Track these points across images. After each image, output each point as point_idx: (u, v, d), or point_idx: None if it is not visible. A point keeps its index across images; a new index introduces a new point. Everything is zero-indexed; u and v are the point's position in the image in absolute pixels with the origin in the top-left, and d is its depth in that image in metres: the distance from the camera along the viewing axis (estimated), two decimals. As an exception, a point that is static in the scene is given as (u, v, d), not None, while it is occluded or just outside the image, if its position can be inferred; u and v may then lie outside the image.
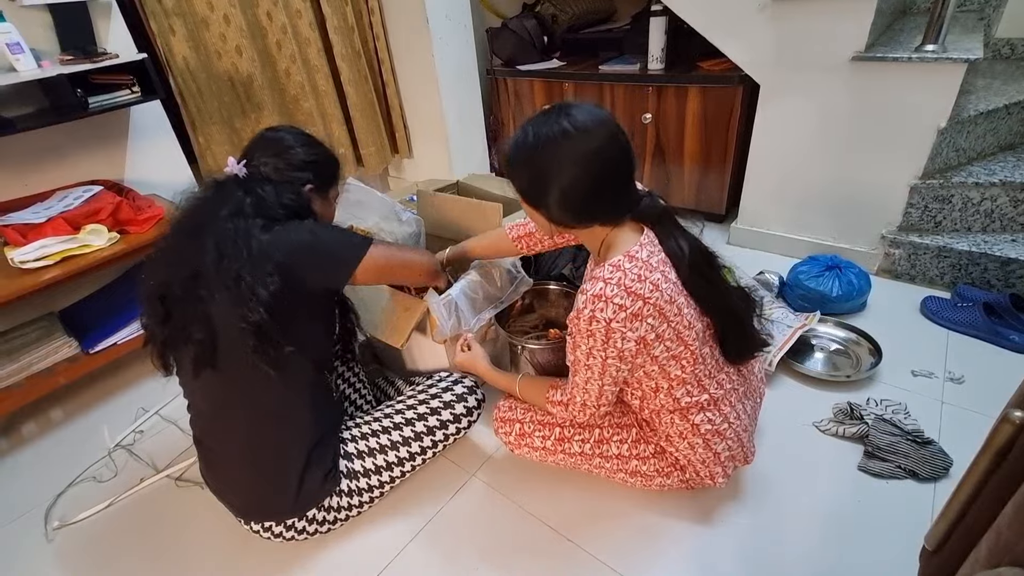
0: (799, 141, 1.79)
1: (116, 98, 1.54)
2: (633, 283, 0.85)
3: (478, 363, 1.20)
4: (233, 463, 1.03)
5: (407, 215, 1.53)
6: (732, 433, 1.01)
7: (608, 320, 0.84)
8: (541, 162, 0.85)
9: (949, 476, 1.13)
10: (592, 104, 0.86)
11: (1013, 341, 1.43)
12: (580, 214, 0.89)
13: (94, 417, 1.57)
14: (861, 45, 1.57)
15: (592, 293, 0.86)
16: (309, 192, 1.04)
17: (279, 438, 1.00)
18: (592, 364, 0.91)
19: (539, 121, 0.85)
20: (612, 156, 0.85)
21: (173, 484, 1.34)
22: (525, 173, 0.89)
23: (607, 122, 0.84)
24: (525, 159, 0.87)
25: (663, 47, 2.08)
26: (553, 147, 0.83)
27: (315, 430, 1.03)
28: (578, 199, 0.86)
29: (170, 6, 1.79)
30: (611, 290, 0.84)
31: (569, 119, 0.82)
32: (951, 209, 1.67)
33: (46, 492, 1.34)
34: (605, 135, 0.83)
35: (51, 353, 1.46)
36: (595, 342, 0.88)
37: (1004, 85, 1.82)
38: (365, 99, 2.39)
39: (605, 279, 0.86)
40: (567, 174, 0.84)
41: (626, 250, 0.88)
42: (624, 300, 0.84)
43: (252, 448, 1.00)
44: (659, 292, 0.86)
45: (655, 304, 0.86)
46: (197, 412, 1.04)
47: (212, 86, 1.96)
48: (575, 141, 0.82)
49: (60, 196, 1.54)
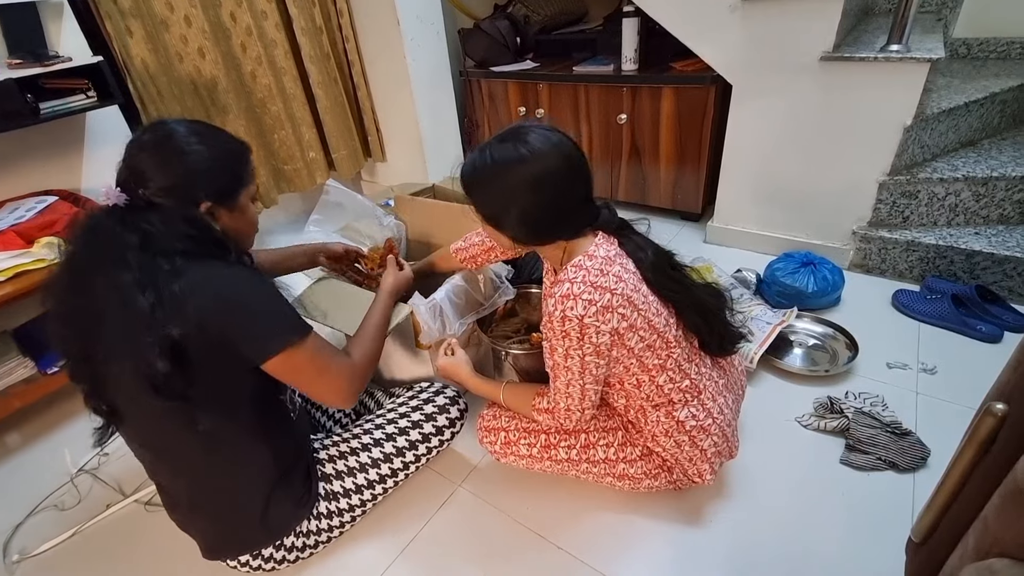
0: (771, 140, 1.82)
1: (70, 103, 1.47)
2: (597, 277, 0.87)
3: (461, 369, 1.17)
4: (187, 506, 0.97)
5: (388, 219, 1.50)
6: (717, 428, 1.02)
7: (580, 316, 0.85)
8: (499, 187, 0.87)
9: (928, 466, 1.15)
10: (548, 126, 0.88)
11: (981, 331, 1.48)
12: (541, 234, 0.92)
13: (54, 440, 1.48)
14: (829, 45, 1.60)
15: (560, 294, 0.87)
16: (208, 210, 0.84)
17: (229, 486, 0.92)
18: (571, 365, 0.91)
19: (495, 146, 0.87)
20: (567, 177, 0.87)
21: (142, 509, 1.27)
22: (484, 198, 0.91)
23: (561, 144, 0.86)
24: (483, 184, 0.90)
25: (636, 48, 2.09)
26: (509, 172, 0.85)
27: (274, 469, 0.94)
28: (537, 220, 0.89)
29: (127, 7, 1.71)
30: (577, 288, 0.86)
31: (524, 144, 0.84)
32: (918, 204, 1.72)
33: (4, 523, 1.26)
34: (558, 157, 0.85)
35: (5, 375, 1.38)
36: (570, 341, 0.88)
37: (963, 83, 1.88)
38: (335, 102, 2.34)
39: (570, 279, 0.88)
40: (524, 199, 0.86)
41: (584, 251, 0.91)
42: (592, 295, 0.86)
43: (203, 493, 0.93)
44: (623, 282, 0.88)
45: (622, 294, 0.88)
46: (139, 457, 0.94)
47: (174, 90, 1.88)
48: (530, 165, 0.84)
49: (11, 208, 1.45)
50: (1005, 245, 1.58)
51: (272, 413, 0.95)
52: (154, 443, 0.90)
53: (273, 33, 2.08)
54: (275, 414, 0.96)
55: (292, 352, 0.83)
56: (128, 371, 0.78)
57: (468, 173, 0.90)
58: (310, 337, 0.86)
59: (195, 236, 0.80)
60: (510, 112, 2.53)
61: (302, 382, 0.88)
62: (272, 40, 2.08)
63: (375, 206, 1.52)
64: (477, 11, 2.72)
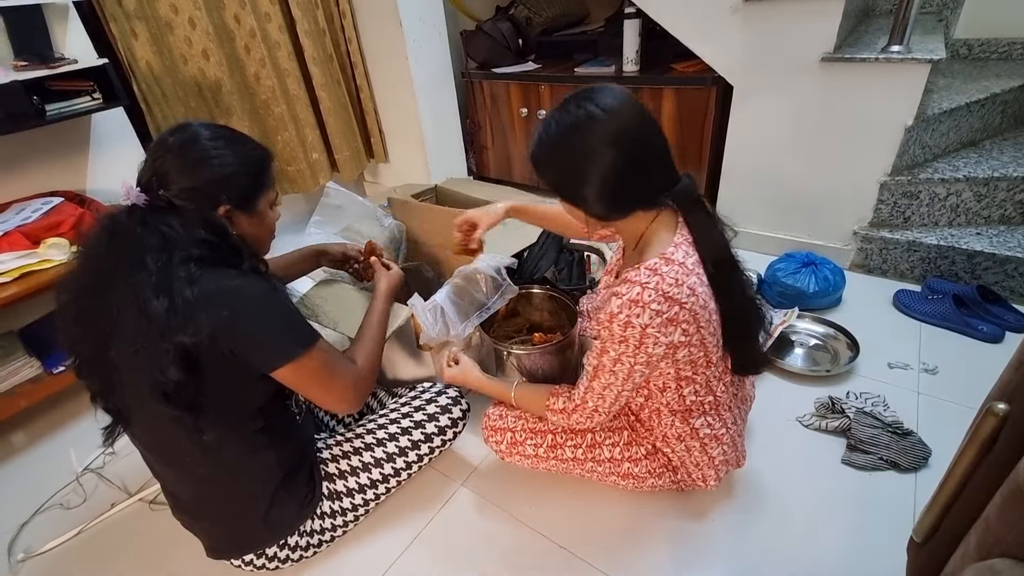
0: (772, 141, 1.82)
1: (76, 105, 1.47)
2: (671, 287, 0.81)
3: (469, 376, 1.15)
4: (192, 507, 0.98)
5: (388, 220, 1.50)
6: (728, 438, 1.02)
7: (644, 326, 0.81)
8: (571, 152, 0.80)
9: (929, 466, 1.16)
10: (607, 85, 0.83)
11: (982, 331, 1.48)
12: (621, 201, 0.84)
13: (60, 440, 1.49)
14: (830, 46, 1.60)
15: (628, 298, 0.82)
16: (225, 214, 0.85)
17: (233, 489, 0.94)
18: (618, 370, 0.87)
19: (561, 111, 0.82)
20: (644, 131, 0.81)
21: (147, 508, 1.28)
22: (555, 167, 0.85)
23: (631, 100, 0.81)
24: (552, 152, 0.83)
25: (637, 49, 2.09)
26: (582, 134, 0.79)
27: (277, 471, 0.96)
28: (618, 184, 0.81)
29: (132, 9, 1.72)
30: (648, 295, 0.81)
31: (593, 102, 0.79)
32: (919, 204, 1.72)
33: (9, 522, 1.27)
34: (633, 112, 0.80)
35: (11, 374, 1.39)
36: (626, 348, 0.84)
37: (964, 84, 1.89)
38: (339, 103, 2.35)
39: (643, 284, 0.81)
40: (603, 160, 0.79)
41: (661, 252, 0.84)
42: (661, 306, 0.81)
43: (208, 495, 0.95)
44: (695, 296, 0.83)
45: (691, 309, 0.83)
46: (145, 459, 0.96)
47: (178, 91, 1.90)
48: (604, 123, 0.78)
49: (17, 209, 1.46)
50: (1006, 245, 1.58)
51: (278, 417, 0.97)
52: (160, 446, 0.92)
53: (276, 35, 2.09)
54: (281, 418, 0.98)
55: (300, 363, 0.84)
56: (139, 377, 0.78)
57: (536, 148, 0.85)
58: (317, 347, 0.86)
59: (212, 242, 0.81)
60: (512, 113, 2.53)
61: (310, 391, 0.89)
62: (275, 42, 2.09)
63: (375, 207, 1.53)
64: (479, 13, 2.73)
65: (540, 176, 0.87)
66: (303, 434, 1.05)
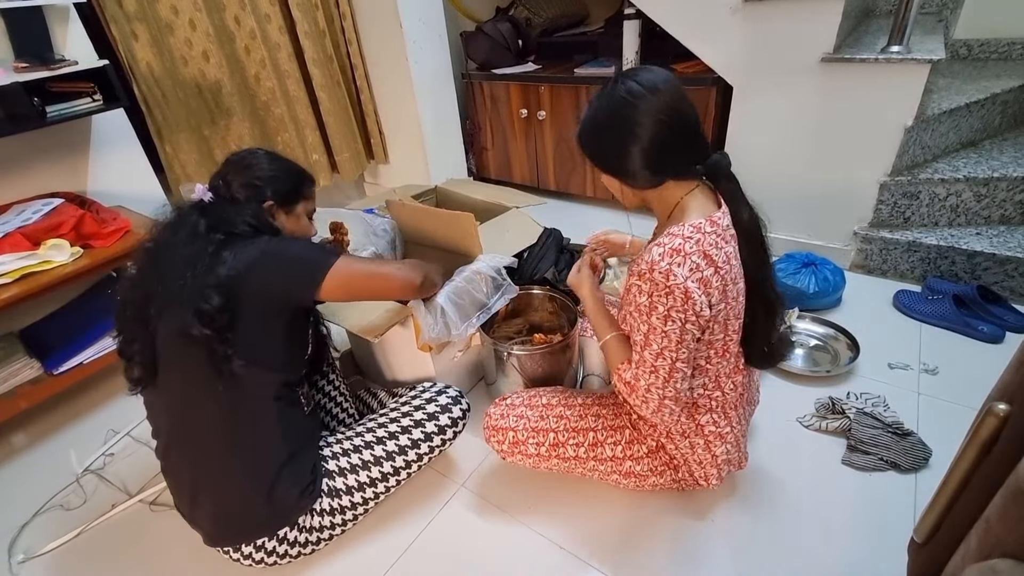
0: (772, 141, 1.83)
1: (76, 107, 1.47)
2: (711, 248, 0.83)
3: (584, 285, 1.10)
4: (197, 482, 1.00)
5: (379, 221, 1.50)
6: (732, 438, 1.02)
7: (685, 278, 0.81)
8: (616, 126, 0.87)
9: (929, 467, 1.15)
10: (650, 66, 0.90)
11: (983, 331, 1.48)
12: (660, 167, 0.88)
13: (60, 441, 1.49)
14: (829, 47, 1.61)
15: (671, 247, 0.82)
16: (270, 208, 1.04)
17: (241, 456, 0.97)
18: (669, 331, 0.83)
19: (605, 93, 0.88)
20: (684, 107, 0.87)
21: (147, 509, 1.28)
22: (600, 141, 0.90)
23: (673, 79, 0.87)
24: (599, 128, 0.89)
25: (637, 50, 2.09)
26: (628, 108, 0.85)
27: (283, 447, 1.00)
28: (657, 152, 0.86)
29: (132, 11, 1.72)
30: (690, 246, 0.82)
31: (636, 82, 0.85)
32: (919, 205, 1.72)
33: (9, 523, 1.27)
34: (674, 89, 0.86)
35: (11, 376, 1.38)
36: (674, 301, 0.82)
37: (964, 84, 1.89)
38: (339, 104, 2.35)
39: (685, 236, 0.83)
40: (645, 131, 0.85)
41: (708, 215, 0.87)
42: (700, 260, 0.82)
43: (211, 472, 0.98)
44: (729, 265, 0.85)
45: (723, 277, 0.84)
46: (156, 431, 1.03)
47: (178, 93, 1.90)
48: (648, 99, 0.84)
49: (17, 210, 1.46)
50: (1006, 245, 1.58)
51: (289, 398, 1.04)
52: (177, 409, 0.98)
53: (276, 36, 2.09)
54: (292, 402, 1.05)
55: (338, 269, 0.98)
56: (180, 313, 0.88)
57: (582, 129, 0.91)
58: (342, 258, 1.00)
59: (255, 224, 0.99)
60: (512, 114, 2.54)
61: (366, 289, 1.06)
62: (276, 43, 2.10)
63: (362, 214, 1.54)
64: (479, 14, 2.73)
65: (585, 152, 0.93)
66: (309, 424, 1.10)
